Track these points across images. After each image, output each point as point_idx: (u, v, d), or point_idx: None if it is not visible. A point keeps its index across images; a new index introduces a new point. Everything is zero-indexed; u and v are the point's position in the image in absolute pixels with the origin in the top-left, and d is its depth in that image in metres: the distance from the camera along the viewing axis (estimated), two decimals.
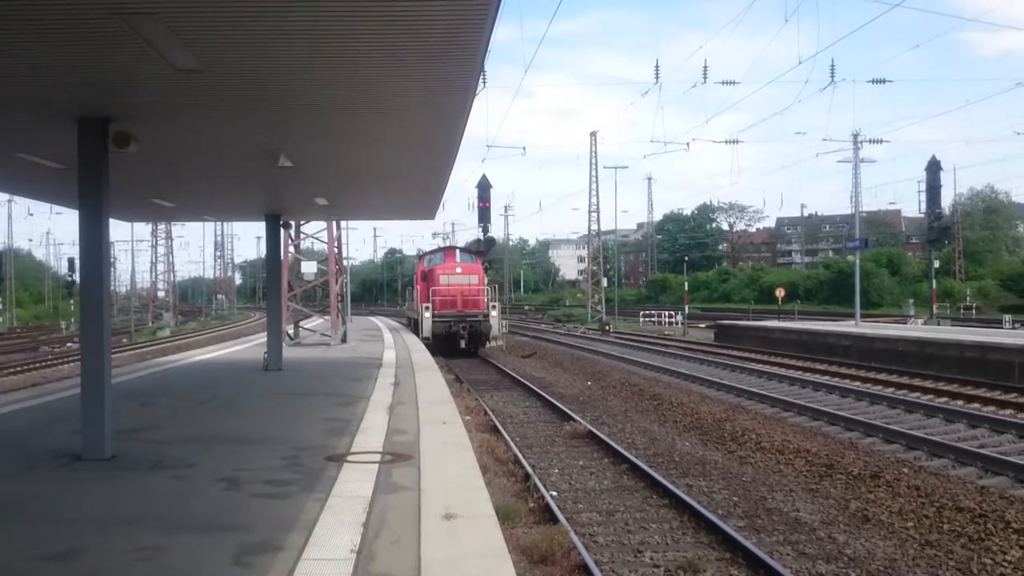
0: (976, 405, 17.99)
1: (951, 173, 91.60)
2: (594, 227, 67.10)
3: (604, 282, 68.09)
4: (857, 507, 10.21)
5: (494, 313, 33.45)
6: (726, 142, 51.28)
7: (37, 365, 32.22)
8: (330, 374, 17.71)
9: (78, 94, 7.79)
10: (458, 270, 34.28)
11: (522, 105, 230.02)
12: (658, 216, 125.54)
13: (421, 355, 23.07)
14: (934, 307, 45.68)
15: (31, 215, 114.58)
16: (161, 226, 74.78)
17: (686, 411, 17.68)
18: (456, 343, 32.11)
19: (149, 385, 16.00)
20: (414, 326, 36.33)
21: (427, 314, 32.09)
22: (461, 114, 8.86)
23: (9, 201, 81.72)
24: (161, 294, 78.65)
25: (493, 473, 11.29)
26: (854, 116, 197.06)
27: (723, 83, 40.80)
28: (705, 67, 51.45)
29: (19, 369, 30.40)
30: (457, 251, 38.50)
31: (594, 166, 65.64)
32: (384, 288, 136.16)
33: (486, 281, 35.31)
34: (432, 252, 40.68)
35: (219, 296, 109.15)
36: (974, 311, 61.86)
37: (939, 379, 22.07)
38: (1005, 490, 10.89)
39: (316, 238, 30.89)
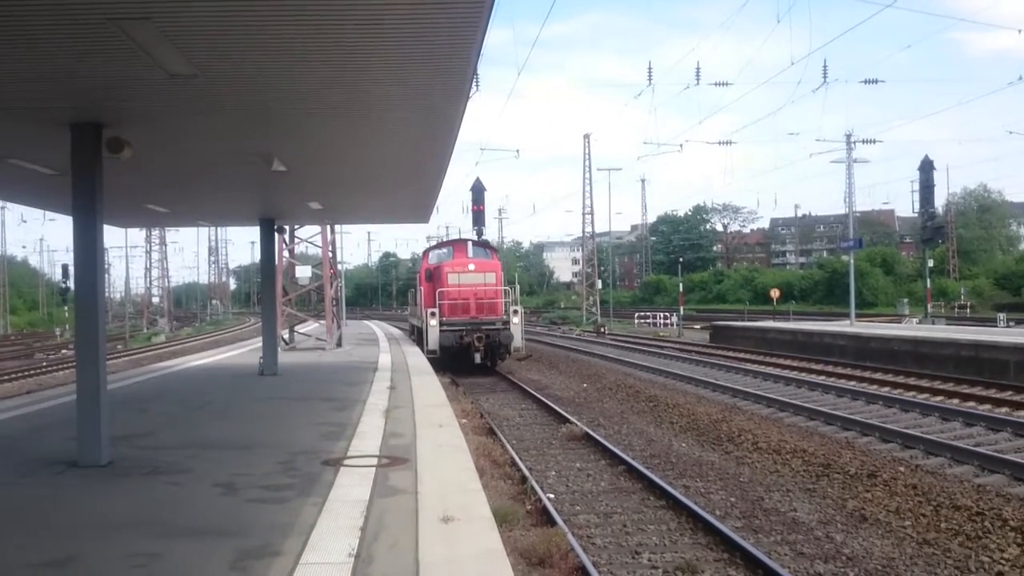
0: (972, 403, 18.03)
1: (944, 172, 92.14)
2: (588, 229, 67.23)
3: (599, 284, 68.19)
4: (854, 506, 10.22)
5: (516, 319, 27.27)
6: (719, 143, 51.43)
7: (32, 372, 32.11)
8: (326, 378, 17.69)
9: (71, 100, 7.78)
10: (471, 267, 28.14)
11: (515, 108, 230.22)
12: (652, 218, 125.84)
13: (417, 359, 23.05)
14: (928, 306, 45.83)
15: (24, 222, 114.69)
16: (155, 232, 74.67)
17: (682, 412, 17.68)
18: (469, 357, 26.54)
19: (145, 391, 15.96)
20: (418, 336, 30.38)
21: (433, 322, 26.37)
22: (454, 117, 8.86)
23: (2, 208, 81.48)
24: (156, 300, 78.58)
25: (490, 476, 11.27)
26: (847, 116, 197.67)
27: (716, 84, 41.20)
28: (698, 69, 51.64)
29: (14, 376, 30.30)
30: (469, 244, 31.80)
31: (588, 168, 65.87)
32: (379, 292, 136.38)
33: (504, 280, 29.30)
34: (438, 246, 34.22)
35: (214, 301, 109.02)
36: (968, 310, 62.05)
37: (934, 378, 22.12)
38: (1002, 488, 10.91)
39: (310, 242, 30.88)
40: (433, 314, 26.53)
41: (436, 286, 27.77)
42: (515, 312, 27.41)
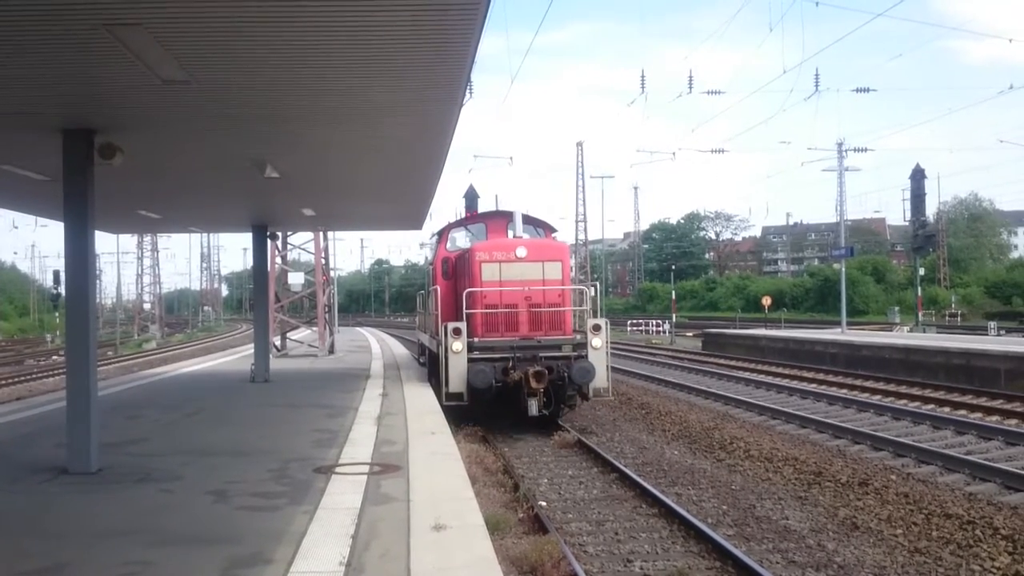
0: (963, 412, 18.07)
1: (935, 181, 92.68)
2: (581, 236, 67.34)
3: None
4: (846, 514, 10.23)
5: (597, 341, 16.05)
6: (712, 151, 51.62)
7: (22, 378, 31.97)
8: (318, 385, 17.65)
9: (63, 106, 7.76)
10: (520, 251, 16.17)
11: (509, 115, 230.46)
12: (645, 225, 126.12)
13: (410, 366, 22.98)
14: (919, 314, 45.94)
15: (16, 228, 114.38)
16: (147, 238, 74.49)
17: (675, 420, 17.68)
18: (517, 403, 15.71)
19: (135, 397, 15.90)
20: (431, 363, 19.09)
21: (457, 345, 15.57)
22: (448, 124, 8.88)
23: None
24: (147, 306, 78.30)
25: (482, 483, 11.24)
26: (839, 125, 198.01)
27: (708, 93, 41.03)
28: (690, 77, 51.80)
29: (4, 382, 30.14)
30: (516, 215, 17.72)
31: (581, 176, 66.02)
32: (371, 299, 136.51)
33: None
34: (464, 221, 21.17)
35: (205, 308, 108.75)
36: (959, 318, 62.24)
37: (925, 386, 22.18)
38: (993, 496, 10.94)
39: (303, 249, 30.85)
40: (457, 331, 15.70)
41: (462, 284, 17.24)
42: (596, 329, 16.22)
